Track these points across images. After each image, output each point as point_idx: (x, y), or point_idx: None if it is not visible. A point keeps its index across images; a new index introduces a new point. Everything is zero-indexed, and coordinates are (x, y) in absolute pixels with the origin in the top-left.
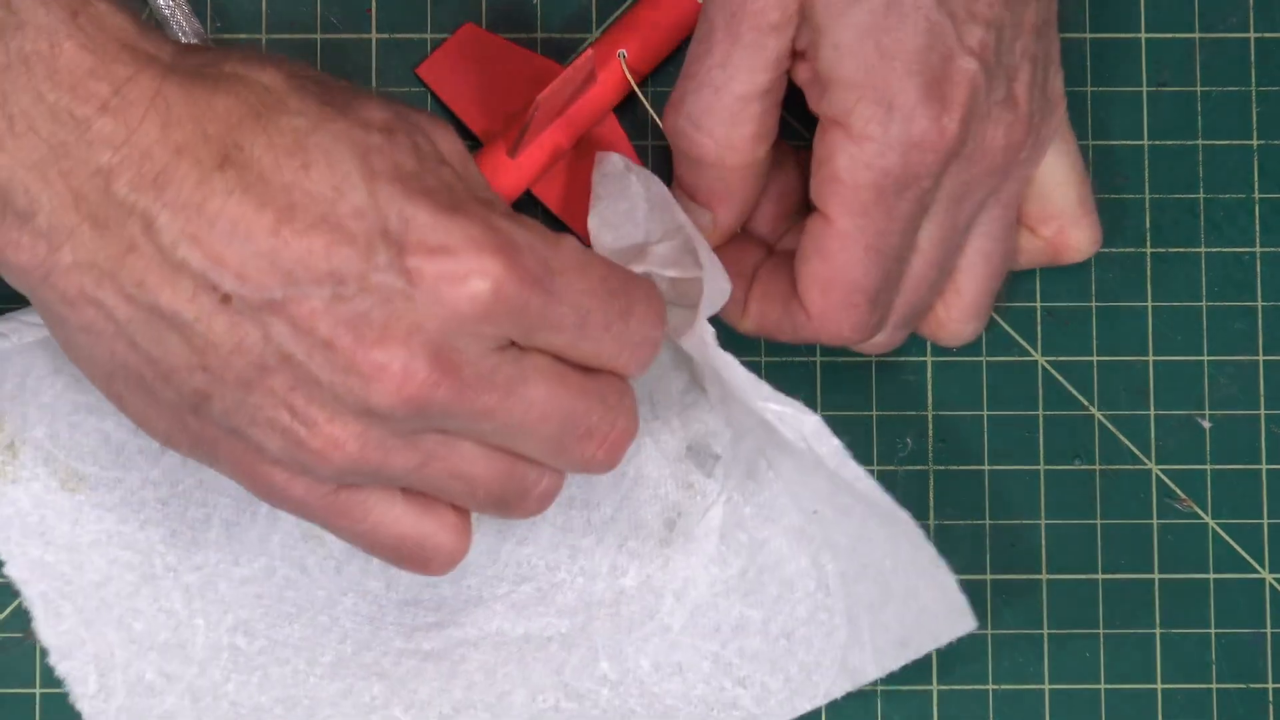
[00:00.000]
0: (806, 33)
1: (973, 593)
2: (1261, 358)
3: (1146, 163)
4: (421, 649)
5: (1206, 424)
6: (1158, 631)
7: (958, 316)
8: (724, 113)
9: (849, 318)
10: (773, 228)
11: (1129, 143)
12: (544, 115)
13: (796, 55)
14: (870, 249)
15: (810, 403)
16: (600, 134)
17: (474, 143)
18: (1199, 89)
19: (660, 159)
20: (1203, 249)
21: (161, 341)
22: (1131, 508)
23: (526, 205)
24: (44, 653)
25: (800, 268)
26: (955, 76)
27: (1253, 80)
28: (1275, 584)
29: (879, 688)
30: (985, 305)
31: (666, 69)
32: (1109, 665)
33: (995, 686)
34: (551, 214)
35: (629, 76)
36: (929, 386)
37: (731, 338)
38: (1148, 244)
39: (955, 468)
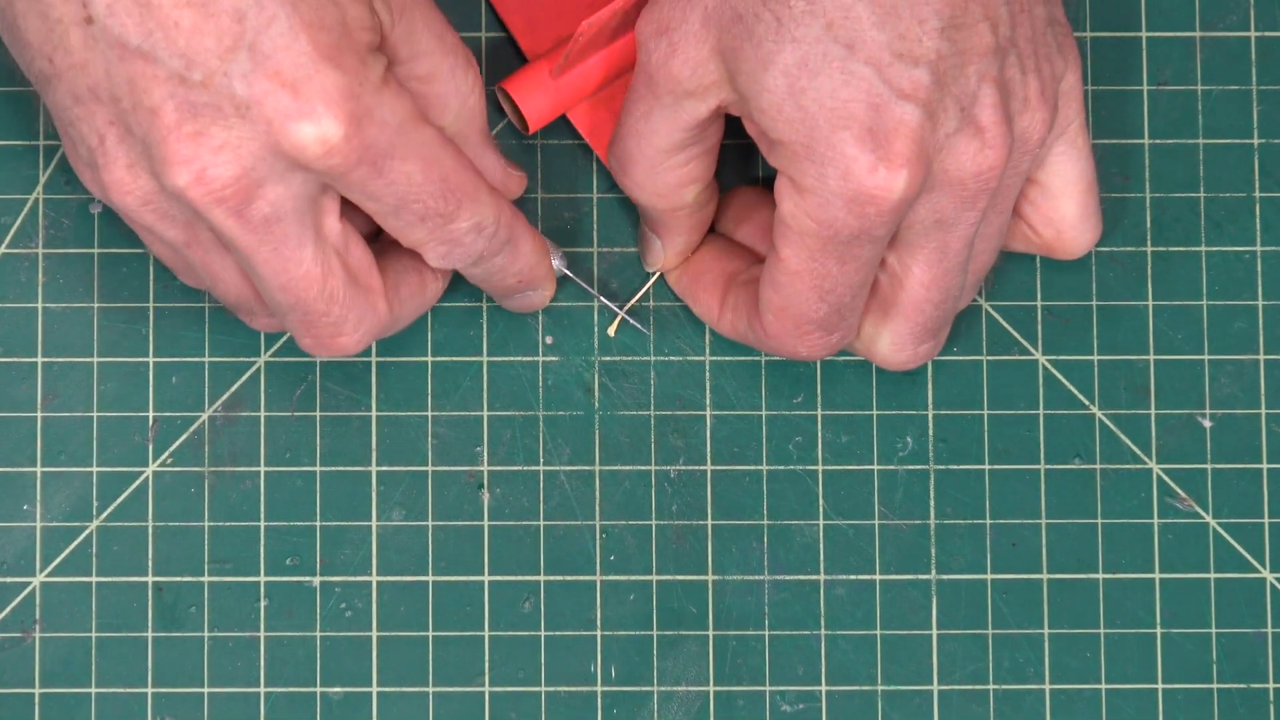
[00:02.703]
0: (733, 96)
1: (973, 593)
2: (1262, 357)
3: (1147, 162)
4: None
5: (1207, 423)
6: (1158, 631)
7: None
8: (645, 162)
9: (802, 343)
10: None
11: (1129, 142)
12: (587, 42)
13: (740, 115)
14: (817, 288)
15: (810, 403)
16: None
17: (521, 60)
18: (1199, 88)
19: None
20: (1203, 248)
21: (28, 15)
22: (1132, 507)
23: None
24: (44, 652)
25: (760, 290)
26: (891, 124)
27: (1253, 79)
28: (1276, 583)
29: (879, 688)
30: (968, 298)
31: None
32: (1109, 665)
33: (995, 686)
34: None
35: None
36: (929, 386)
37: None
38: (1148, 243)
39: (955, 468)
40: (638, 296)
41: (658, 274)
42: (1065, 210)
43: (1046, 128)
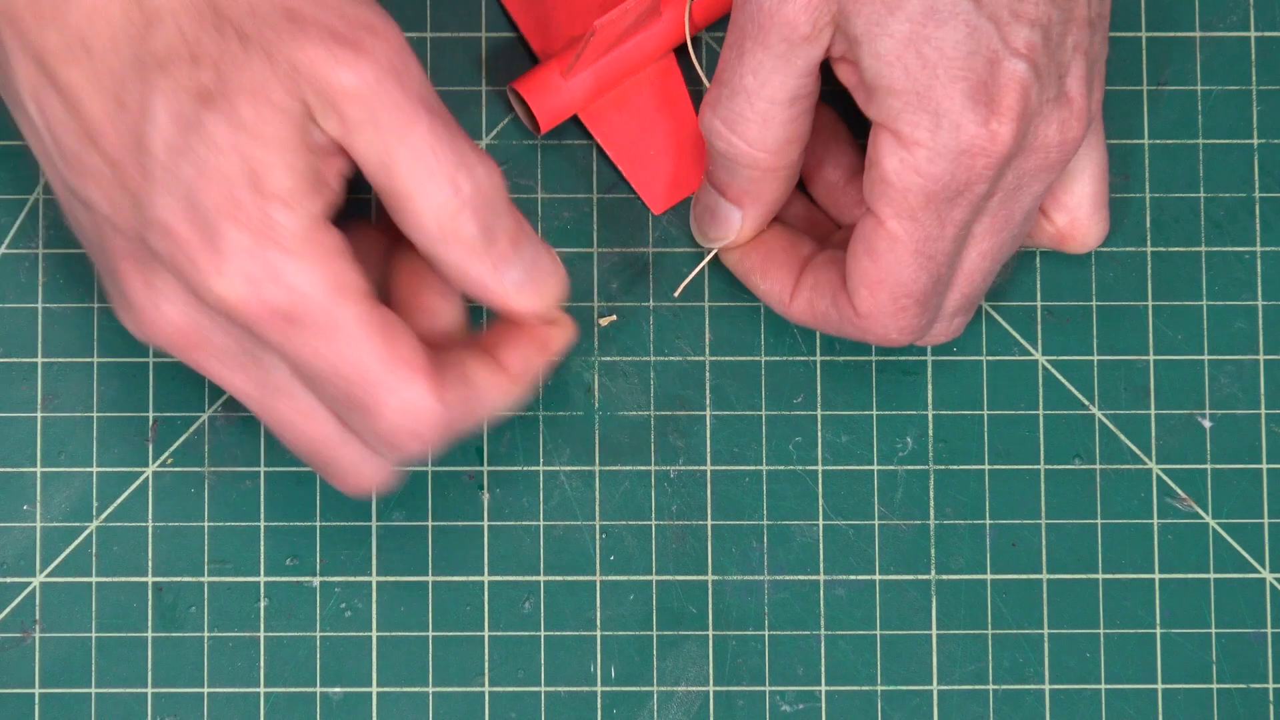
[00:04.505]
0: (843, 41)
1: (972, 592)
2: (1262, 357)
3: (1147, 162)
4: None
5: (1207, 423)
6: (1158, 631)
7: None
8: (756, 118)
9: (896, 320)
10: (816, 225)
11: (1129, 142)
12: (600, 42)
13: (837, 59)
14: (919, 253)
15: (810, 403)
16: (657, 73)
17: (531, 60)
18: (1199, 88)
19: None
20: (1203, 248)
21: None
22: (1132, 507)
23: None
24: (44, 652)
25: (850, 264)
26: (1003, 80)
27: (1253, 79)
28: (1276, 584)
29: (879, 688)
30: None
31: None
32: (1109, 665)
33: (995, 686)
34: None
35: (687, 25)
36: (929, 386)
37: (732, 337)
38: (1148, 243)
39: (955, 468)
40: (694, 274)
41: (714, 252)
42: (1081, 194)
43: (1099, 109)
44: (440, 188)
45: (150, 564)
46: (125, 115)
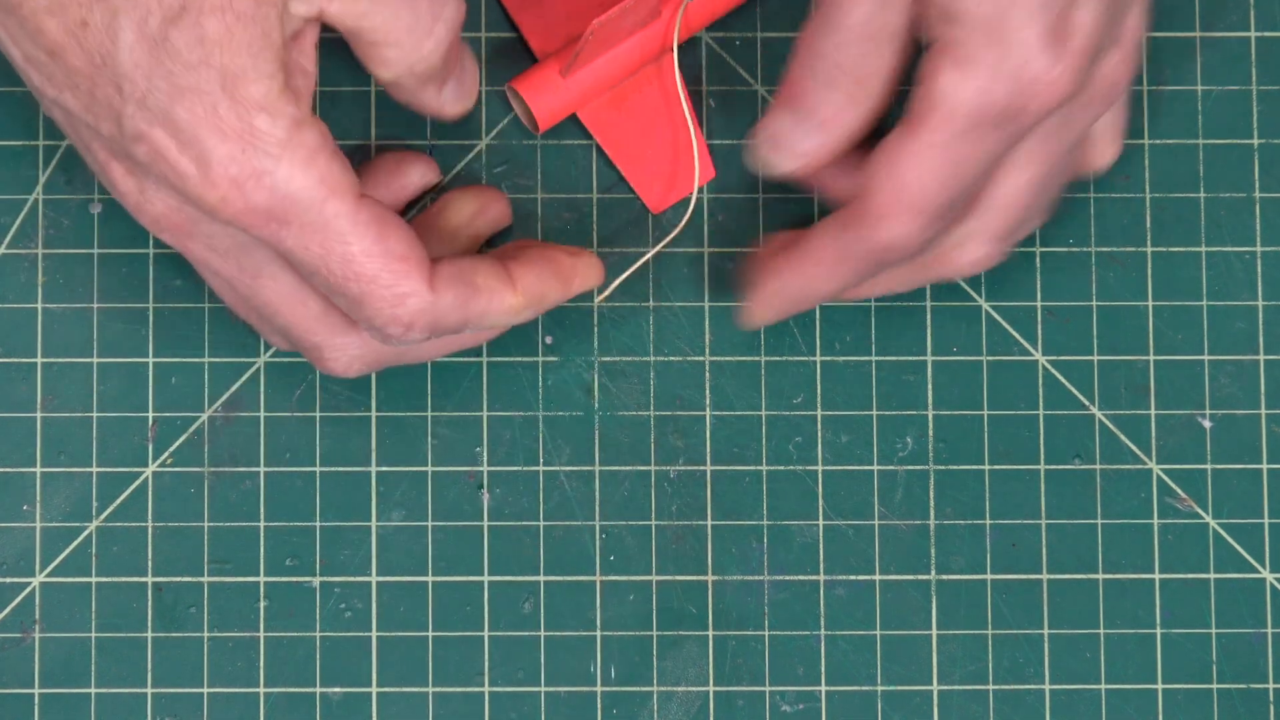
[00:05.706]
0: None
1: (973, 593)
2: (1262, 357)
3: (1147, 162)
4: None
5: (1207, 423)
6: (1158, 631)
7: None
8: (849, 39)
9: (901, 223)
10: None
11: (1129, 142)
12: (598, 41)
13: None
14: (945, 166)
15: (810, 402)
16: (656, 72)
17: (531, 60)
18: (1199, 88)
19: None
20: (1203, 248)
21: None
22: (1132, 507)
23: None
24: (44, 652)
25: (875, 156)
26: (1078, 20)
27: (1253, 79)
28: (1276, 584)
29: (879, 688)
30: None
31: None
32: (1109, 665)
33: (995, 686)
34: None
35: (675, 29)
36: (929, 386)
37: (733, 337)
38: (1148, 243)
39: (955, 468)
40: (624, 276)
41: (650, 254)
42: (1100, 121)
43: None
44: (421, 41)
45: (150, 564)
46: (91, 35)
